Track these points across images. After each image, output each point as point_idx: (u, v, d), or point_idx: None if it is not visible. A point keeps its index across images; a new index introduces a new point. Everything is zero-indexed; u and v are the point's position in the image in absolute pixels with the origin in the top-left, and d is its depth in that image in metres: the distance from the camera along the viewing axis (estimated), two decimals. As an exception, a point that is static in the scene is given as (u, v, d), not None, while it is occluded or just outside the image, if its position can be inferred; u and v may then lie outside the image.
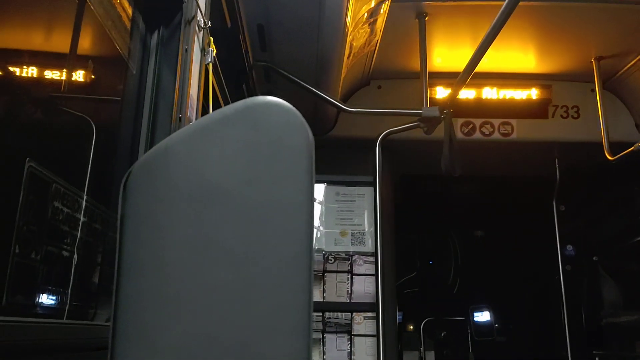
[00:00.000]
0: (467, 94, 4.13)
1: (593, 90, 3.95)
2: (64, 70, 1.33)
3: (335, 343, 3.88)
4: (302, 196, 0.73)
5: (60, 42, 1.36)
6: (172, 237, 0.73)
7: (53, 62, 1.28)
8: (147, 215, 0.74)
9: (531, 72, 4.10)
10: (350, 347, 3.87)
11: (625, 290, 4.81)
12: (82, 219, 1.28)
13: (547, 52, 3.88)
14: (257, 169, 0.74)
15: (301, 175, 0.74)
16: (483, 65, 2.90)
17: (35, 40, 1.26)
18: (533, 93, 4.16)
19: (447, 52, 3.87)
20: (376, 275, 3.83)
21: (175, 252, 0.73)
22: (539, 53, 3.90)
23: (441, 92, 4.09)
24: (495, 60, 3.89)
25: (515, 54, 3.89)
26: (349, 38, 3.02)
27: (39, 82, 1.24)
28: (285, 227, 0.72)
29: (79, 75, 1.39)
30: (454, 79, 3.05)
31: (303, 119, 0.77)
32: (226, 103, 2.54)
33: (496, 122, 4.16)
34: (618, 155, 3.68)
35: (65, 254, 1.21)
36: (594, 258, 5.03)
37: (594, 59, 3.86)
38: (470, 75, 2.85)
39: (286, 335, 0.71)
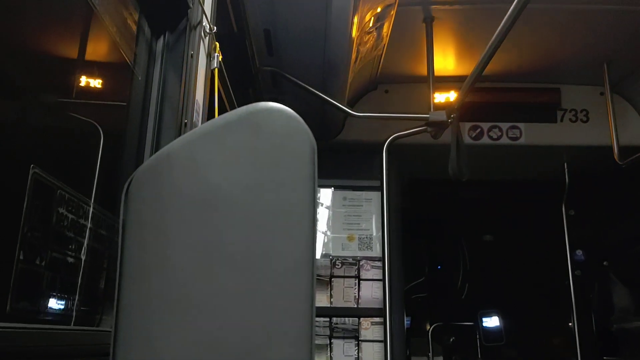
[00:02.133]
0: (474, 97, 4.11)
1: (602, 94, 3.92)
2: (69, 75, 1.34)
3: (343, 348, 3.86)
4: (304, 202, 0.73)
5: (65, 48, 1.37)
6: (174, 242, 0.73)
7: (57, 68, 1.29)
8: (149, 221, 0.74)
9: (539, 76, 4.08)
10: (358, 352, 3.85)
11: (637, 296, 4.75)
12: (87, 224, 1.28)
13: (555, 55, 3.85)
14: (259, 174, 0.74)
15: (304, 182, 0.73)
16: (491, 69, 2.89)
17: (42, 46, 1.27)
18: (541, 97, 4.13)
19: (455, 56, 3.86)
20: (384, 280, 3.81)
21: (177, 257, 0.72)
22: (547, 56, 3.87)
23: (448, 96, 4.08)
24: (503, 63, 3.87)
25: (523, 57, 3.87)
26: (355, 43, 3.02)
27: (44, 88, 1.25)
28: (288, 233, 0.72)
29: (83, 81, 1.40)
30: (462, 82, 3.04)
31: (306, 125, 0.76)
32: (232, 108, 2.54)
33: (504, 126, 4.14)
34: (628, 160, 3.65)
35: (70, 260, 1.22)
36: (604, 263, 4.98)
37: (604, 62, 3.83)
38: (477, 78, 2.83)
39: (289, 340, 0.70)
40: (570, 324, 4.54)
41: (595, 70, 3.88)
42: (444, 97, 4.08)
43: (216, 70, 1.84)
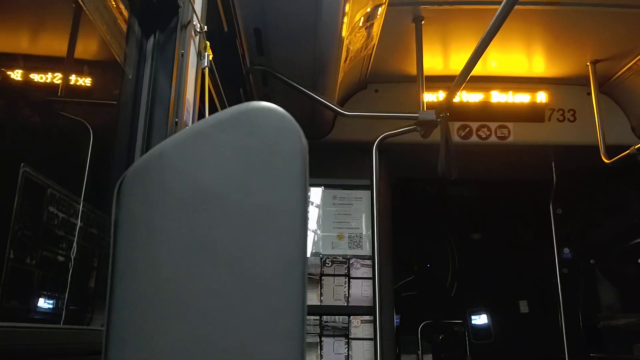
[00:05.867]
0: (463, 97, 4.14)
1: (589, 94, 3.96)
2: (58, 74, 1.33)
3: (333, 346, 3.87)
4: (295, 201, 0.74)
5: (56, 47, 1.36)
6: (166, 241, 0.73)
7: (49, 67, 1.28)
8: (141, 220, 0.75)
9: (527, 76, 4.11)
10: (348, 350, 3.87)
11: (622, 293, 4.82)
12: (78, 223, 1.28)
13: (543, 55, 3.89)
14: (251, 173, 0.74)
15: (295, 180, 0.74)
16: (479, 69, 2.91)
17: (32, 44, 1.26)
18: (529, 96, 4.17)
19: (444, 56, 3.88)
20: (373, 278, 3.83)
21: (169, 256, 0.73)
22: (535, 57, 3.91)
23: (438, 96, 4.10)
24: (491, 63, 3.91)
25: (512, 57, 3.91)
26: (345, 42, 3.03)
27: (34, 86, 1.25)
28: (279, 232, 0.73)
29: (73, 80, 1.39)
30: (451, 82, 3.06)
31: (297, 124, 0.77)
32: (223, 107, 2.55)
33: (493, 125, 4.17)
34: (614, 159, 3.69)
35: (61, 258, 1.21)
36: (591, 261, 5.04)
37: (590, 63, 3.87)
38: (466, 78, 2.86)
39: (280, 339, 0.71)
40: (557, 321, 4.59)
41: (582, 71, 3.93)
42: (434, 96, 4.10)
43: (207, 69, 1.84)
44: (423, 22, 3.42)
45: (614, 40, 3.60)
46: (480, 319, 5.45)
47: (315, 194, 4.18)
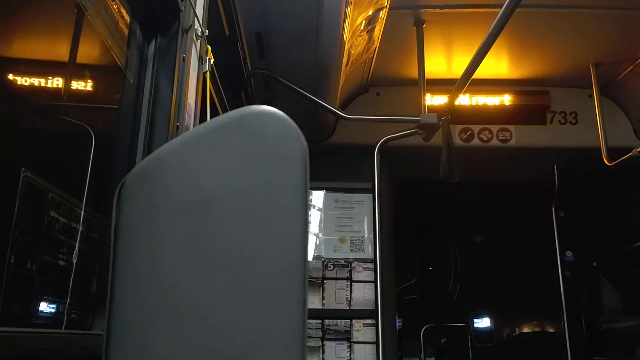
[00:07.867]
0: (465, 100, 4.14)
1: (591, 96, 3.96)
2: (60, 78, 1.34)
3: (335, 350, 3.86)
4: (296, 205, 0.74)
5: (57, 51, 1.37)
6: (166, 246, 0.73)
7: (49, 71, 1.29)
8: (142, 225, 0.74)
9: (529, 79, 4.11)
10: (350, 354, 3.86)
11: (625, 296, 4.80)
12: (79, 228, 1.28)
13: (544, 58, 3.89)
14: (251, 177, 0.74)
15: (295, 184, 0.74)
16: (481, 72, 2.91)
17: (33, 49, 1.27)
18: (531, 99, 4.17)
19: (445, 59, 3.89)
20: (375, 282, 3.82)
21: (169, 261, 0.73)
22: (536, 59, 3.91)
23: (439, 99, 4.10)
24: (493, 66, 3.91)
25: (513, 60, 3.91)
26: (347, 45, 3.03)
27: (36, 91, 1.25)
28: (280, 236, 0.72)
29: (75, 84, 1.40)
30: (452, 85, 3.06)
31: (297, 128, 0.77)
32: (224, 111, 2.55)
33: (494, 128, 4.17)
34: (616, 161, 3.69)
35: (62, 263, 1.21)
36: (594, 264, 5.02)
37: (592, 65, 3.87)
38: (468, 81, 2.86)
39: (281, 344, 0.71)
40: (560, 324, 4.57)
41: (583, 73, 3.93)
42: (435, 99, 4.10)
43: (208, 73, 1.84)
44: (424, 25, 3.42)
45: (616, 43, 3.60)
46: (482, 322, 5.43)
47: (317, 197, 4.18)
